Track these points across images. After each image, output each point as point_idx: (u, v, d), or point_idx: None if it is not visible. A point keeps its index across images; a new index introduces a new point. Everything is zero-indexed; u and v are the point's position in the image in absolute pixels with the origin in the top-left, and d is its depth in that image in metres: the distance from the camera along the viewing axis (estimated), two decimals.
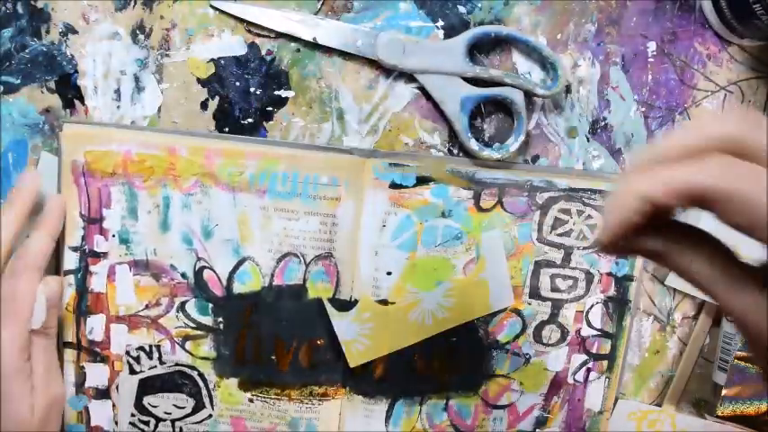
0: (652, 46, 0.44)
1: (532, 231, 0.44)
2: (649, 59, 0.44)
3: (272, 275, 0.43)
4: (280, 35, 0.42)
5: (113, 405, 0.45)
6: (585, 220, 0.44)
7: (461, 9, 0.43)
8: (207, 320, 0.44)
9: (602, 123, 0.45)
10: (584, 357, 0.47)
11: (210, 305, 0.44)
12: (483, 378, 0.46)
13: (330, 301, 0.44)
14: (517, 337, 0.46)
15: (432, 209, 0.43)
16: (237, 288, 0.44)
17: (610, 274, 0.45)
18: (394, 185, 0.43)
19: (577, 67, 0.44)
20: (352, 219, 0.43)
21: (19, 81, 0.41)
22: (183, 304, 0.44)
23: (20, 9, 0.40)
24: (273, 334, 0.44)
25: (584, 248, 0.45)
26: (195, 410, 0.45)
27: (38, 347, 0.39)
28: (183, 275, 0.43)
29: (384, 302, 0.44)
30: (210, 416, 0.45)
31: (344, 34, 0.41)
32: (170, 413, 0.45)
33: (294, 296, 0.44)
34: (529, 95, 0.43)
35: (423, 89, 0.43)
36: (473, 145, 0.42)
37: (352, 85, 0.43)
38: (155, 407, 0.45)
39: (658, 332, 0.48)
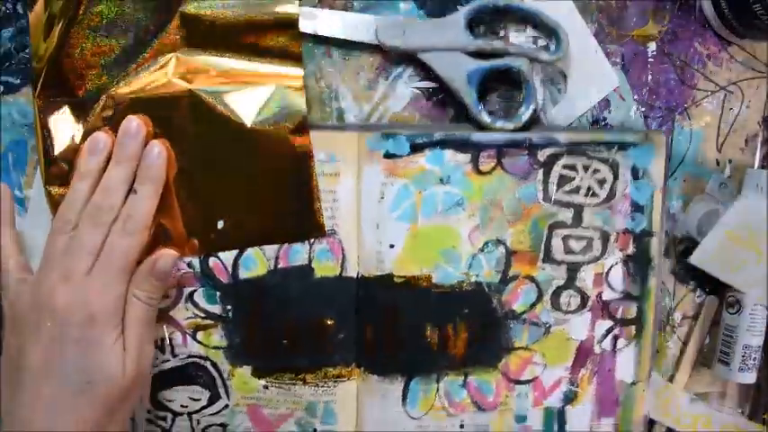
0: (652, 46, 0.41)
1: (538, 191, 0.40)
2: (649, 59, 0.42)
3: (277, 258, 0.41)
4: None
5: None
6: (593, 175, 0.40)
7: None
8: (216, 309, 0.42)
9: (602, 123, 0.42)
10: (609, 323, 0.41)
11: (218, 293, 0.41)
12: (502, 351, 0.42)
13: (337, 279, 0.41)
14: (534, 305, 0.41)
15: (428, 176, 0.40)
16: (243, 274, 0.41)
17: (627, 230, 0.40)
18: (388, 155, 0.40)
19: None
20: (352, 193, 0.40)
21: (19, 81, 0.40)
22: (191, 294, 0.42)
23: (20, 9, 0.39)
24: (283, 317, 0.41)
25: (595, 206, 0.40)
26: (211, 402, 0.43)
27: (134, 311, 0.36)
28: (189, 265, 0.41)
29: (389, 277, 0.41)
30: (227, 406, 0.43)
31: (343, 22, 0.39)
32: (186, 406, 0.43)
33: (300, 277, 0.41)
34: (534, 62, 0.40)
35: (423, 89, 0.41)
36: (485, 117, 0.39)
37: (352, 85, 0.41)
38: (170, 401, 0.43)
39: (658, 332, 0.44)
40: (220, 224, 0.41)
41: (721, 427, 0.45)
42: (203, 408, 0.43)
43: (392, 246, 0.40)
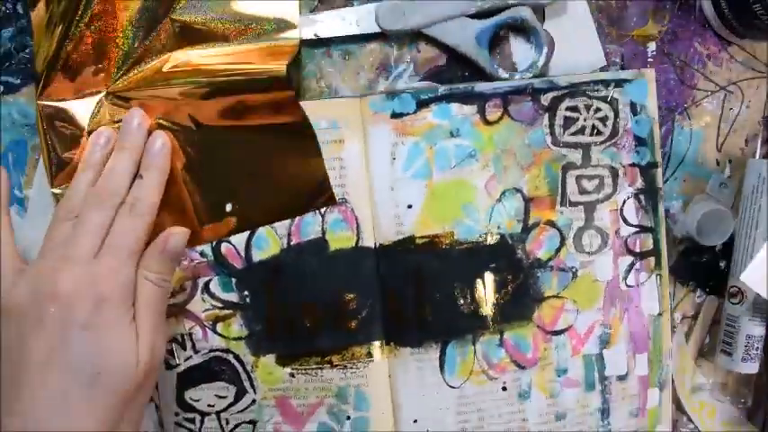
0: (652, 46, 0.42)
1: (546, 136, 0.40)
2: (649, 59, 0.42)
3: (289, 234, 0.39)
4: None
5: (156, 407, 0.39)
6: (595, 114, 0.40)
7: None
8: (233, 297, 0.39)
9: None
10: (630, 259, 0.41)
11: (234, 280, 0.39)
12: (533, 302, 0.41)
13: (353, 250, 0.39)
14: (558, 250, 0.41)
15: (438, 131, 0.39)
16: (257, 256, 0.39)
17: (633, 164, 0.41)
18: (395, 115, 0.39)
19: None
20: (360, 158, 0.39)
21: (19, 81, 0.39)
22: (206, 284, 0.39)
23: (20, 9, 0.38)
24: (301, 297, 0.39)
25: (601, 143, 0.41)
26: (238, 398, 0.39)
27: (146, 294, 0.33)
28: (202, 254, 0.39)
29: (410, 239, 0.39)
30: (254, 401, 0.39)
31: (342, 18, 0.39)
32: (213, 405, 0.39)
33: (315, 252, 0.39)
34: (536, 10, 0.40)
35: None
36: (502, 74, 0.40)
37: (352, 84, 0.40)
38: (197, 401, 0.39)
39: None
40: (228, 207, 0.39)
41: (721, 424, 0.45)
42: (230, 405, 0.39)
43: (410, 206, 0.39)
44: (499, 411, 0.40)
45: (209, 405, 0.40)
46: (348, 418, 0.40)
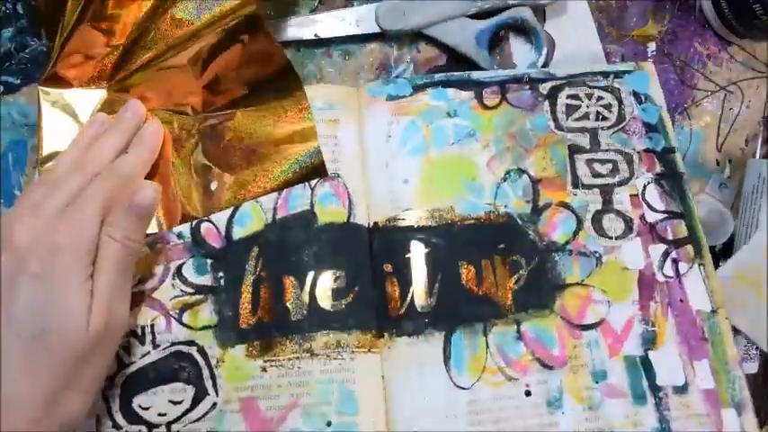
0: (652, 46, 0.43)
1: (548, 121, 0.38)
2: (649, 59, 0.43)
3: (275, 209, 0.36)
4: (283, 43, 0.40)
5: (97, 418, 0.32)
6: (598, 102, 0.39)
7: None
8: (206, 280, 0.34)
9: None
10: (663, 247, 0.36)
11: (209, 261, 0.35)
12: (553, 290, 0.34)
13: (344, 226, 0.35)
14: (576, 233, 0.36)
15: (435, 111, 0.38)
16: (238, 233, 0.35)
17: (648, 150, 0.38)
18: (391, 98, 0.38)
19: None
20: (355, 138, 0.37)
21: (19, 81, 0.40)
22: (179, 268, 0.35)
23: (20, 9, 0.40)
24: (283, 275, 0.34)
25: (609, 128, 0.39)
26: (195, 402, 0.32)
27: (108, 253, 0.30)
28: (179, 235, 0.35)
29: (407, 214, 0.36)
30: (215, 405, 0.32)
31: (343, 19, 0.41)
32: (164, 414, 0.32)
33: (302, 225, 0.35)
34: (536, 10, 0.41)
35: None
36: None
37: (352, 84, 0.41)
38: (146, 409, 0.32)
39: None
40: (213, 186, 0.36)
41: None
42: (186, 412, 0.32)
43: (406, 181, 0.36)
44: (524, 423, 0.31)
45: (159, 414, 0.32)
46: (329, 424, 0.31)
